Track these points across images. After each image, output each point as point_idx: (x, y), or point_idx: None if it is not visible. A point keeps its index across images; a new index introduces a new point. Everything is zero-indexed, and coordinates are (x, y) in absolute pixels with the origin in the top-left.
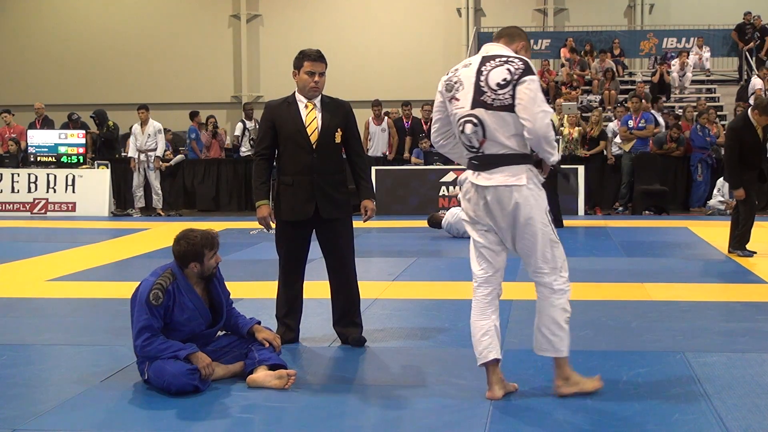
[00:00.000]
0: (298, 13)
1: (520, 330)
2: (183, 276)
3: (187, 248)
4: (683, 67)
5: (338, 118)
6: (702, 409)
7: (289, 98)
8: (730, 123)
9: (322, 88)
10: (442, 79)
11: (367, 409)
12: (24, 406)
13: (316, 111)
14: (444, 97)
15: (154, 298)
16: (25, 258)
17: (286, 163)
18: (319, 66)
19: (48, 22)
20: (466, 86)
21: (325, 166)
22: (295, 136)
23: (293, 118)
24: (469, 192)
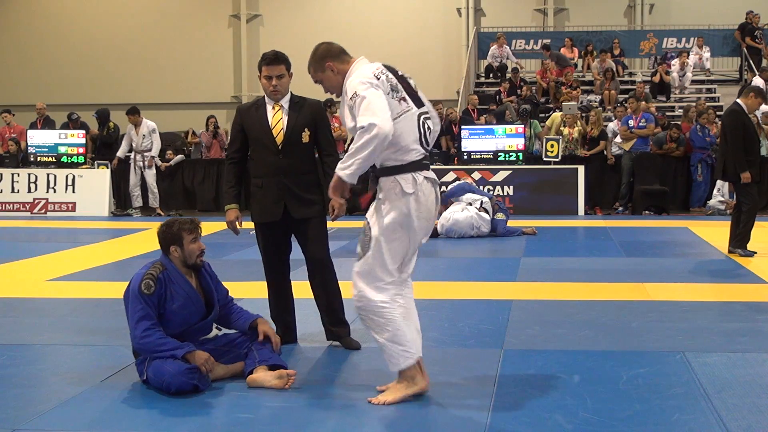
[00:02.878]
0: (298, 13)
1: (520, 330)
2: (172, 265)
3: (166, 231)
4: (683, 67)
5: (306, 119)
6: (702, 409)
7: (259, 101)
8: (727, 110)
9: (285, 89)
10: (382, 79)
11: (367, 409)
12: (24, 406)
13: (283, 112)
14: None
15: (146, 287)
16: (25, 258)
17: (255, 165)
18: (276, 69)
19: (48, 22)
20: (402, 88)
21: (293, 167)
22: (261, 138)
23: (260, 120)
24: (422, 189)
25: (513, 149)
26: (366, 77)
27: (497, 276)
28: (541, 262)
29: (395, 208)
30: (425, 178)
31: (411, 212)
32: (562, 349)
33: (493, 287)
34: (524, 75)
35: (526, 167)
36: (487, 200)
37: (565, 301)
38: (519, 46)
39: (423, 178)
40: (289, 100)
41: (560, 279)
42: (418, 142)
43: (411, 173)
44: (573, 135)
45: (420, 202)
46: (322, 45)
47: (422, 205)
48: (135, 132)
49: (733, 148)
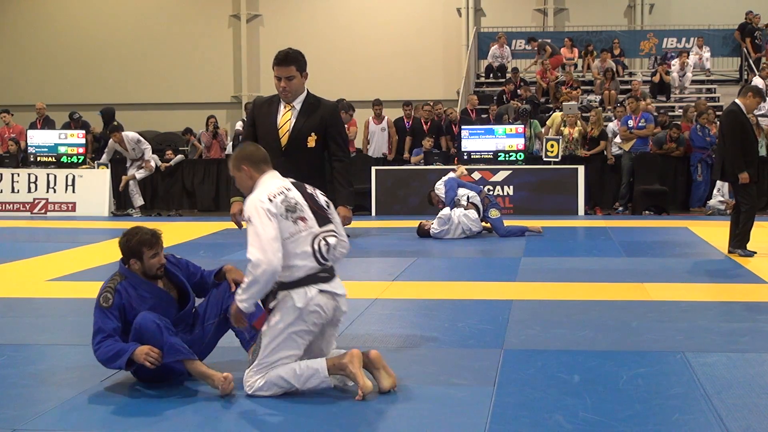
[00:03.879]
0: (298, 13)
1: (520, 330)
2: (133, 273)
3: (126, 243)
4: (683, 67)
5: (314, 122)
6: (702, 409)
7: (275, 97)
8: (726, 110)
9: (295, 90)
10: (276, 201)
11: (367, 409)
12: (24, 406)
13: (292, 114)
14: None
15: (104, 300)
16: (25, 258)
17: None
18: (284, 70)
19: (48, 22)
20: (305, 207)
21: (296, 171)
22: (267, 136)
23: (270, 118)
24: (316, 302)
25: (513, 149)
26: (261, 198)
27: (497, 276)
28: (541, 262)
29: (283, 320)
30: (320, 291)
31: (299, 323)
32: (563, 349)
33: (493, 287)
34: (524, 75)
35: (526, 167)
36: (474, 194)
37: (565, 301)
38: (519, 46)
39: (317, 291)
40: (303, 100)
41: (560, 279)
42: (313, 258)
43: (303, 288)
44: (573, 135)
45: (311, 313)
46: (249, 147)
47: (313, 315)
48: (122, 147)
49: (731, 148)
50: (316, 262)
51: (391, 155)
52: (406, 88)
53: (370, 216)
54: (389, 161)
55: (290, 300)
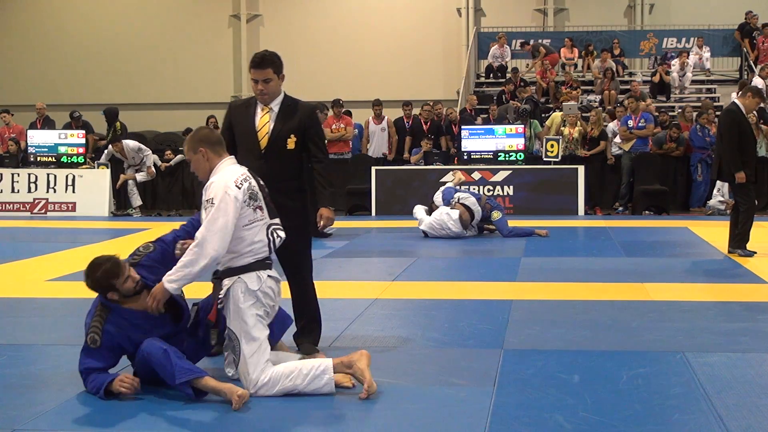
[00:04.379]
0: (298, 13)
1: (520, 330)
2: (114, 304)
3: (94, 284)
4: (683, 67)
5: (293, 124)
6: (702, 409)
7: (251, 100)
8: (724, 109)
9: (273, 92)
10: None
11: (367, 409)
12: (24, 406)
13: (271, 116)
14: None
15: (92, 342)
16: (25, 258)
17: None
18: (261, 73)
19: (49, 22)
20: (260, 197)
21: (276, 173)
22: (246, 139)
23: (248, 120)
24: (268, 284)
25: (513, 149)
26: (228, 184)
27: (497, 276)
28: (541, 262)
29: (244, 304)
30: (269, 276)
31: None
32: (562, 348)
33: (493, 287)
34: (524, 75)
35: (526, 167)
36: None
37: (565, 301)
38: (519, 46)
39: (267, 275)
40: (281, 102)
41: (560, 279)
42: (267, 248)
43: (254, 272)
44: (573, 135)
45: (265, 295)
46: (204, 130)
47: (267, 298)
48: (121, 156)
49: (728, 148)
50: (268, 252)
51: (391, 155)
52: (406, 88)
53: (370, 216)
54: (389, 161)
55: (242, 284)
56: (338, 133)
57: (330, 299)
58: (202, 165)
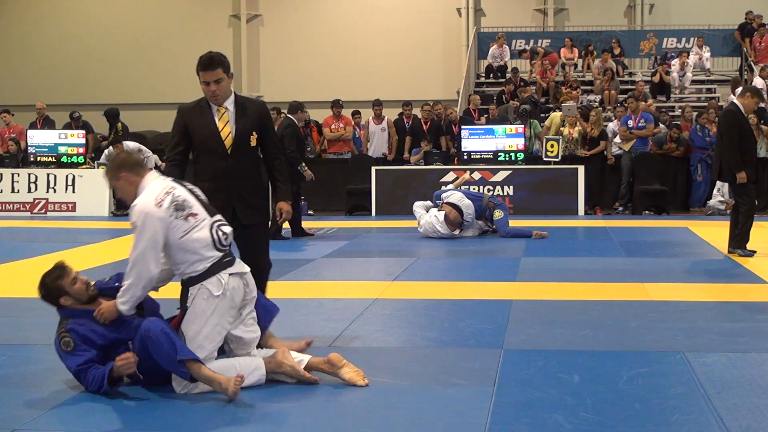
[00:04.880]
0: (298, 13)
1: (520, 330)
2: (74, 310)
3: (46, 291)
4: (683, 67)
5: (252, 121)
6: (702, 409)
7: (202, 101)
8: (724, 110)
9: (225, 92)
10: (165, 203)
11: (367, 409)
12: (24, 406)
13: (229, 115)
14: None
15: (65, 345)
16: (26, 258)
17: (202, 168)
18: (212, 74)
19: (48, 22)
20: (193, 201)
21: (241, 171)
22: (209, 141)
23: (206, 122)
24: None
25: (513, 149)
26: (148, 205)
27: (497, 276)
28: (541, 262)
29: (204, 313)
30: (230, 274)
31: (220, 311)
32: (562, 348)
33: (493, 287)
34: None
35: (526, 167)
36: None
37: (565, 301)
38: (519, 46)
39: (228, 275)
40: (234, 101)
41: (560, 279)
42: (213, 247)
43: (215, 276)
44: (573, 135)
45: (227, 299)
46: (121, 155)
47: (229, 300)
48: None
49: (729, 148)
50: (217, 250)
51: (391, 155)
52: (406, 88)
53: (370, 216)
54: (389, 161)
55: (205, 291)
56: (337, 133)
57: (330, 299)
58: (126, 190)
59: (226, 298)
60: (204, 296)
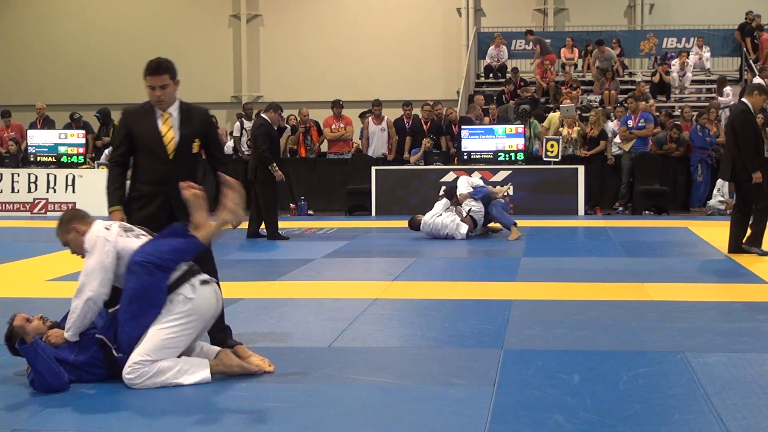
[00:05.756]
0: (298, 13)
1: (520, 330)
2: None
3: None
4: (683, 67)
5: (195, 128)
6: (702, 409)
7: (146, 105)
8: (736, 109)
9: (170, 98)
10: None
11: (367, 409)
12: (24, 406)
13: (172, 121)
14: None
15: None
16: (25, 258)
17: (143, 172)
18: (158, 79)
19: (48, 22)
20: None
21: (181, 176)
22: (151, 145)
23: (150, 127)
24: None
25: (513, 149)
26: (97, 231)
27: (497, 276)
28: (541, 262)
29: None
30: (201, 281)
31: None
32: (562, 348)
33: (493, 287)
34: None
35: (526, 167)
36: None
37: (565, 301)
38: (519, 46)
39: (199, 282)
40: (179, 107)
41: (560, 279)
42: None
43: (186, 283)
44: (572, 135)
45: (199, 304)
46: (68, 213)
47: (201, 306)
48: None
49: (745, 148)
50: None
51: (390, 155)
52: (406, 88)
53: (370, 216)
54: (389, 161)
55: (179, 296)
56: (338, 133)
57: (330, 299)
58: (78, 241)
59: (198, 303)
60: (179, 299)
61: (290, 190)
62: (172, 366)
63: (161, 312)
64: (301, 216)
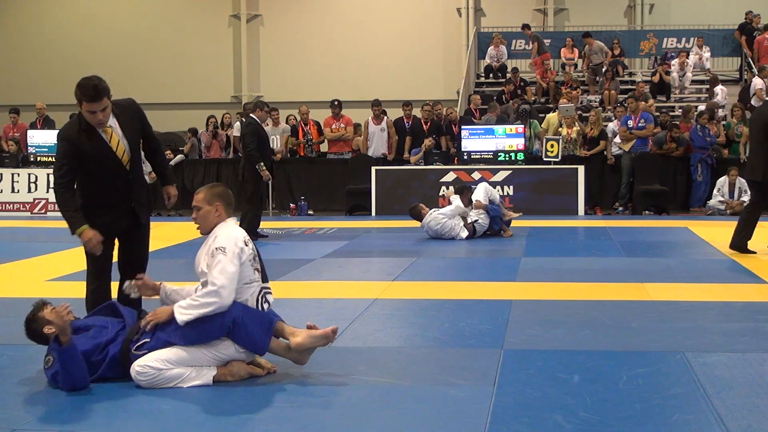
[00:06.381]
0: (298, 13)
1: (520, 330)
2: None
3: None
4: (683, 67)
5: (136, 128)
6: (702, 410)
7: (83, 125)
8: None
9: (108, 118)
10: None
11: (367, 409)
12: (24, 406)
13: (114, 132)
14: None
15: (47, 363)
16: (25, 258)
17: (97, 187)
18: (99, 104)
19: (49, 22)
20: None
21: (138, 179)
22: (108, 163)
23: (100, 147)
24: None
25: (513, 149)
26: (236, 240)
27: (497, 276)
28: (542, 262)
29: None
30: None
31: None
32: (562, 349)
33: (493, 287)
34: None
35: (526, 167)
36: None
37: (565, 301)
38: (519, 46)
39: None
40: (111, 116)
41: (560, 279)
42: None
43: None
44: (571, 135)
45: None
46: (223, 186)
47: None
48: None
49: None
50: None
51: (390, 155)
52: (406, 88)
53: (370, 216)
54: (389, 161)
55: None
56: (338, 133)
57: (330, 299)
58: (210, 219)
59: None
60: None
61: (290, 189)
62: (183, 373)
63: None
64: (301, 216)
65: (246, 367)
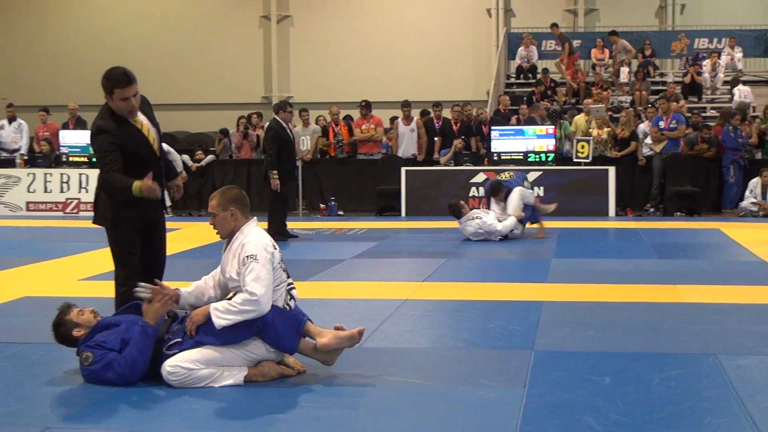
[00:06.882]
0: (328, 14)
1: (550, 331)
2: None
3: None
4: (715, 68)
5: (154, 118)
6: (734, 413)
7: (116, 118)
8: None
9: (139, 105)
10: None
11: (396, 410)
12: (56, 404)
13: (142, 121)
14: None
15: (85, 360)
16: (58, 257)
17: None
18: (131, 89)
19: (82, 23)
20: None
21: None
22: (143, 152)
23: (136, 136)
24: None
25: (543, 150)
26: (266, 245)
27: (528, 277)
28: (572, 264)
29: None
30: None
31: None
32: (593, 350)
33: (524, 288)
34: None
35: (556, 168)
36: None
37: (595, 302)
38: (549, 47)
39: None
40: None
41: (591, 280)
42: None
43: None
44: (602, 136)
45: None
46: (235, 190)
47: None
48: None
49: None
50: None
51: (420, 156)
52: (436, 89)
53: (400, 216)
54: (419, 162)
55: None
56: (367, 134)
57: (360, 299)
58: (227, 223)
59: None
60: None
61: (320, 190)
62: (214, 373)
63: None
64: (331, 216)
65: (276, 368)
